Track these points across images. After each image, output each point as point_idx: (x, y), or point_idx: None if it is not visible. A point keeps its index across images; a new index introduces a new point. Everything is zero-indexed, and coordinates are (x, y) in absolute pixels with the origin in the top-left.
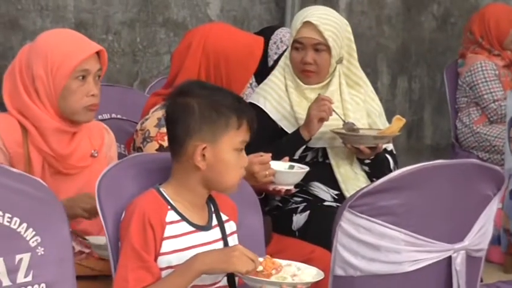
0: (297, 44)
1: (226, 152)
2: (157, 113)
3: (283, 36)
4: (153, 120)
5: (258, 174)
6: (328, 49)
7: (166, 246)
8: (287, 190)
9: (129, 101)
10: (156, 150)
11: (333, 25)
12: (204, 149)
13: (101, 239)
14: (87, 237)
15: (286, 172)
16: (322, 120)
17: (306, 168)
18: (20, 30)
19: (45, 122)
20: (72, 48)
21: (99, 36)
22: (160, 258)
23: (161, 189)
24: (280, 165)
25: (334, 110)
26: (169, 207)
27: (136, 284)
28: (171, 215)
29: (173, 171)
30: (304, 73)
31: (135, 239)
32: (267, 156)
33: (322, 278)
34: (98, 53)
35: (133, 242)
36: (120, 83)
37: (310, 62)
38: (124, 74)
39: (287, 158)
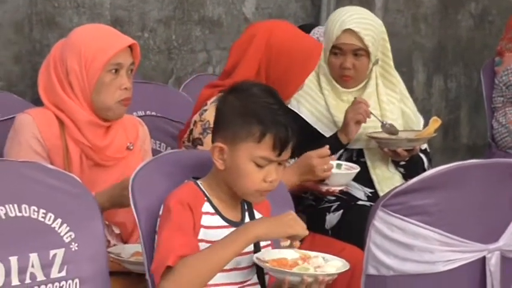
0: (336, 50)
1: (242, 160)
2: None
3: (320, 36)
4: (213, 111)
5: (316, 168)
6: (367, 53)
7: (202, 234)
8: (340, 190)
9: (163, 99)
10: None
11: (371, 29)
12: (221, 149)
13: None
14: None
15: (341, 173)
16: (359, 123)
17: (357, 168)
18: (57, 27)
19: (79, 114)
20: (105, 42)
21: (134, 34)
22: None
23: (198, 182)
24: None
25: (371, 112)
26: (205, 198)
27: (182, 249)
28: (207, 207)
29: (212, 167)
30: (343, 78)
31: (178, 219)
32: (325, 149)
33: (347, 269)
34: (130, 47)
35: (176, 222)
36: (155, 80)
37: (350, 67)
38: (159, 72)
39: (334, 157)
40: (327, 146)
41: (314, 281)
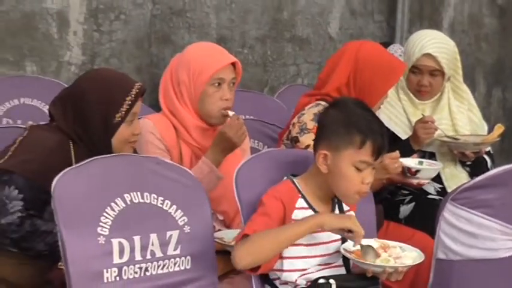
0: (415, 69)
1: (344, 165)
2: (313, 109)
3: (395, 52)
4: (310, 115)
5: (389, 167)
6: (442, 74)
7: None
8: (427, 183)
9: (259, 105)
10: (312, 140)
11: (446, 52)
12: (325, 155)
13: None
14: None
15: (430, 169)
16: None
17: (440, 164)
18: (171, 44)
19: (188, 120)
20: (210, 59)
21: (236, 49)
22: None
23: (294, 180)
24: (411, 161)
25: (437, 127)
26: (300, 195)
27: (261, 227)
28: (301, 202)
29: (311, 167)
30: (420, 92)
31: (267, 207)
32: (396, 153)
33: (422, 260)
34: (234, 64)
35: (265, 209)
36: (253, 89)
37: (426, 84)
38: (256, 82)
39: (416, 155)
40: (397, 151)
41: (394, 271)
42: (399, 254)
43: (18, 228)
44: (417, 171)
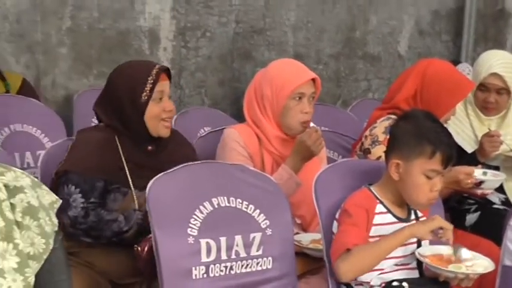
0: (482, 87)
1: (415, 173)
2: (384, 123)
3: (463, 71)
4: (381, 128)
5: (462, 182)
6: (508, 92)
7: (373, 231)
8: (491, 193)
9: (333, 117)
10: (383, 152)
11: None
12: (397, 164)
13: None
14: (302, 243)
15: (494, 180)
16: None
17: (503, 175)
18: (252, 60)
19: (270, 131)
20: (291, 75)
21: (311, 66)
22: (369, 240)
23: (371, 188)
24: (476, 172)
25: (503, 142)
26: (378, 201)
27: (357, 239)
28: (380, 207)
29: (384, 176)
30: (486, 109)
31: (354, 217)
32: (471, 168)
33: (493, 269)
34: (314, 80)
35: (353, 219)
36: (326, 102)
37: (493, 101)
38: (330, 96)
39: (480, 166)
40: (473, 168)
41: (465, 277)
42: (471, 262)
43: (85, 220)
44: (481, 182)
